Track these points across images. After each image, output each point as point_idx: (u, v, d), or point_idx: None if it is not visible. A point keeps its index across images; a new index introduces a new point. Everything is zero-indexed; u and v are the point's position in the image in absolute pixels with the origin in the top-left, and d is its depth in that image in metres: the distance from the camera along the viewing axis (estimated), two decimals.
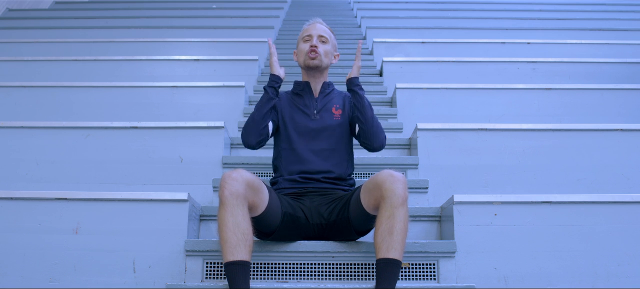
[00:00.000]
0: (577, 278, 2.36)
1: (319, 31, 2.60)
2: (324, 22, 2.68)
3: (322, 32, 2.61)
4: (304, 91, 2.63)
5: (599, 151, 3.11)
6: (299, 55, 2.64)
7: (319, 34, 2.60)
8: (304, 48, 2.59)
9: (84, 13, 7.71)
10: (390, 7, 8.10)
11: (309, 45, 2.57)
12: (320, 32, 2.61)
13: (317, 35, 2.59)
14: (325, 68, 2.62)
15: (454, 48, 5.35)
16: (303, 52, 2.59)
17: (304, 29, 2.67)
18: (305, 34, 2.62)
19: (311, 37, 2.59)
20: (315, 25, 2.64)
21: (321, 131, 2.52)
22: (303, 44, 2.61)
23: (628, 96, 3.98)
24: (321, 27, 2.64)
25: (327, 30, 2.65)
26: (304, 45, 2.60)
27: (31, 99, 4.05)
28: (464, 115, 3.83)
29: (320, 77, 2.63)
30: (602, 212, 2.44)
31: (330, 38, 2.63)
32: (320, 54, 2.56)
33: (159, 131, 3.17)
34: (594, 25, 6.64)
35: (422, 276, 2.37)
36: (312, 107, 2.58)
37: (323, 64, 2.58)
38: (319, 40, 2.58)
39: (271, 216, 2.25)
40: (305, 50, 2.58)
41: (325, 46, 2.59)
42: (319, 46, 2.57)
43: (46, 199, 2.50)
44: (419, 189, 2.95)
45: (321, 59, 2.57)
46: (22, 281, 2.40)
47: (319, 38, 2.59)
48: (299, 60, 2.63)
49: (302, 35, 2.64)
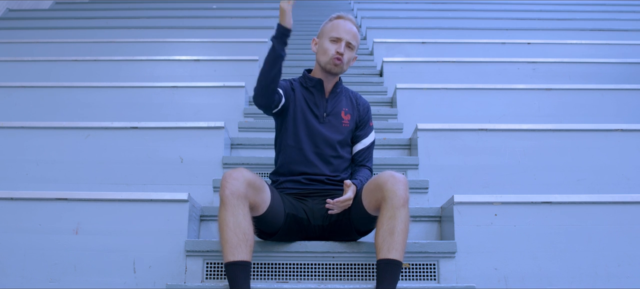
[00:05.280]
0: (577, 278, 2.36)
1: (349, 36, 2.42)
2: (354, 21, 2.48)
3: (352, 37, 2.43)
4: (315, 87, 2.50)
5: (599, 151, 3.11)
6: (319, 50, 2.46)
7: (348, 40, 2.42)
8: (329, 50, 2.41)
9: (84, 13, 7.71)
10: (390, 7, 8.10)
11: (335, 49, 2.40)
12: (350, 37, 2.42)
13: (346, 41, 2.42)
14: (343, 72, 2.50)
15: (454, 48, 5.35)
16: (327, 53, 2.42)
17: (332, 22, 2.47)
18: (334, 34, 2.43)
19: (340, 41, 2.41)
20: (346, 25, 2.44)
21: (329, 135, 2.44)
22: (329, 43, 2.42)
23: (628, 96, 3.98)
24: (352, 29, 2.44)
25: (357, 32, 2.47)
26: (329, 45, 2.42)
27: (31, 99, 4.05)
28: (464, 115, 3.83)
29: (334, 77, 2.51)
30: (602, 212, 2.44)
31: (357, 42, 2.47)
32: (344, 62, 2.43)
33: (159, 131, 3.17)
34: (594, 25, 6.64)
35: (422, 276, 2.37)
36: (322, 107, 2.48)
37: (343, 71, 2.48)
38: (346, 47, 2.42)
39: (273, 215, 2.24)
40: (330, 54, 2.41)
41: (350, 53, 2.44)
42: (345, 53, 2.41)
43: (46, 199, 2.50)
44: (419, 189, 2.95)
45: (343, 67, 2.44)
46: (22, 281, 2.40)
47: (347, 44, 2.42)
48: (319, 58, 2.46)
49: (329, 31, 2.44)
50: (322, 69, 2.47)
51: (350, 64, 2.50)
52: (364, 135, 2.54)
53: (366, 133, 2.54)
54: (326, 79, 2.49)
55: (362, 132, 2.54)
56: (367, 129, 2.55)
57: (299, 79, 2.55)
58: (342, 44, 2.41)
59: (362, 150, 2.52)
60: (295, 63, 5.03)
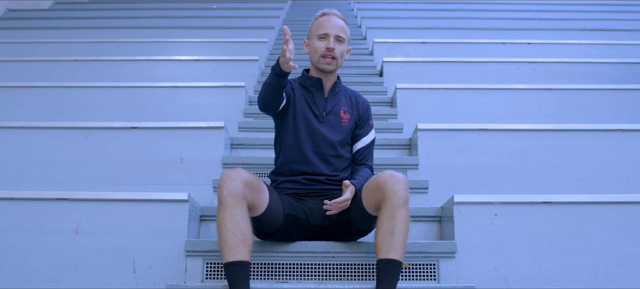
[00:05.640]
0: (577, 278, 2.36)
1: (336, 30, 2.39)
2: (339, 13, 2.45)
3: (339, 30, 2.40)
4: (314, 86, 2.48)
5: (599, 151, 3.11)
6: (311, 51, 2.44)
7: (336, 33, 2.39)
8: (319, 47, 2.39)
9: (84, 13, 7.71)
10: (390, 7, 8.10)
11: (325, 46, 2.38)
12: (338, 30, 2.39)
13: (334, 35, 2.38)
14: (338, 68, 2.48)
15: (454, 48, 5.35)
16: (317, 51, 2.40)
17: (318, 21, 2.44)
18: (321, 31, 2.39)
19: (328, 37, 2.38)
20: (332, 19, 2.41)
21: (328, 134, 2.43)
22: (318, 41, 2.40)
23: (628, 96, 3.98)
24: (338, 22, 2.41)
25: (344, 24, 2.43)
26: (318, 43, 2.40)
27: (31, 99, 4.05)
28: (464, 115, 3.83)
29: (332, 75, 2.49)
30: (602, 212, 2.44)
31: (346, 34, 2.43)
32: (337, 58, 2.39)
33: (159, 131, 3.17)
34: (594, 25, 6.64)
35: (422, 276, 2.37)
36: (321, 107, 2.47)
37: (338, 67, 2.46)
38: (335, 41, 2.39)
39: (272, 216, 2.24)
40: (320, 51, 2.39)
41: (341, 46, 2.41)
42: (336, 48, 2.38)
43: (46, 199, 2.50)
44: (419, 189, 2.95)
45: (337, 63, 2.41)
46: (22, 281, 2.40)
47: (335, 38, 2.39)
48: (312, 59, 2.44)
49: (316, 29, 2.42)
50: (317, 69, 2.46)
51: (344, 58, 2.47)
52: (363, 133, 2.53)
53: (366, 132, 2.53)
54: (324, 77, 2.48)
55: (362, 130, 2.53)
56: (367, 127, 2.54)
57: (298, 79, 2.54)
58: (330, 39, 2.38)
59: (362, 149, 2.51)
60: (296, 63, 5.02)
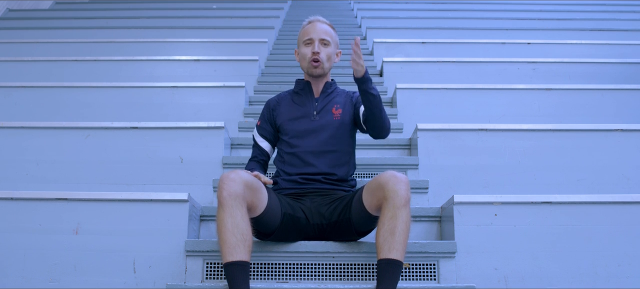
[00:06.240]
0: (577, 278, 2.36)
1: (319, 33, 2.48)
2: (324, 19, 2.54)
3: (324, 33, 2.48)
4: (304, 90, 2.58)
5: (599, 151, 3.11)
6: (300, 58, 2.54)
7: (320, 37, 2.47)
8: (306, 53, 2.48)
9: (84, 13, 7.71)
10: (390, 7, 8.10)
11: (310, 50, 2.47)
12: (322, 34, 2.48)
13: (318, 39, 2.47)
14: (327, 71, 2.54)
15: (454, 48, 5.35)
16: (305, 57, 2.49)
17: (304, 29, 2.54)
18: (306, 37, 2.49)
19: (312, 41, 2.47)
20: (316, 25, 2.50)
21: (320, 132, 2.46)
22: (304, 47, 2.50)
23: (627, 96, 3.98)
24: (322, 26, 2.50)
25: (329, 28, 2.52)
26: (305, 49, 2.49)
27: (31, 99, 4.05)
28: (464, 115, 3.83)
29: (323, 78, 2.56)
30: (602, 212, 2.44)
31: (332, 37, 2.51)
32: (323, 61, 2.47)
33: (159, 131, 3.17)
34: (594, 25, 6.64)
35: (422, 276, 2.37)
36: (312, 107, 2.52)
37: (325, 70, 2.51)
38: (320, 44, 2.47)
39: (270, 216, 2.25)
40: (307, 57, 2.48)
41: (327, 49, 2.48)
42: (321, 51, 2.46)
43: (46, 199, 2.50)
44: (419, 189, 2.95)
45: (323, 66, 2.48)
46: (22, 281, 2.40)
47: (320, 42, 2.47)
48: (302, 66, 2.54)
49: (302, 36, 2.52)
50: (308, 75, 2.55)
51: (334, 61, 2.54)
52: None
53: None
54: (314, 80, 2.56)
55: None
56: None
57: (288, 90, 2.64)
58: (315, 44, 2.47)
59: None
60: (295, 64, 5.03)
